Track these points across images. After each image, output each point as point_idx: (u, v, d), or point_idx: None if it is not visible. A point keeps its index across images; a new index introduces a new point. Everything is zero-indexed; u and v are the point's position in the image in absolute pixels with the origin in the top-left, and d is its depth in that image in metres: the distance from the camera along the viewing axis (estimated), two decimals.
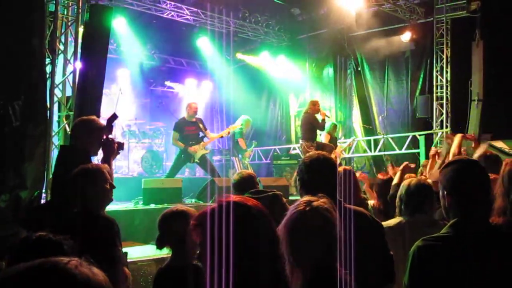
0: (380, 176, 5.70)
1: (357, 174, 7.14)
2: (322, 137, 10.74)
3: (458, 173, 2.29)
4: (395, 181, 4.92)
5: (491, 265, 2.12)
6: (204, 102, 16.75)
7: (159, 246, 3.14)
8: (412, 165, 5.47)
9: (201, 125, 9.67)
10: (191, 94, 16.25)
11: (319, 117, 10.25)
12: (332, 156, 10.21)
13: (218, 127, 17.11)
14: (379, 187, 5.35)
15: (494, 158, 4.66)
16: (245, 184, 4.36)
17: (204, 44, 14.83)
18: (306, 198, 2.10)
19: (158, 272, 3.16)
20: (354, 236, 2.40)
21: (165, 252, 4.83)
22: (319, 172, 2.71)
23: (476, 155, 4.88)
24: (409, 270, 2.20)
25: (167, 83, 16.13)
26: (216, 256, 1.53)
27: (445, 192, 2.31)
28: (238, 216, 1.55)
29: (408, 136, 12.46)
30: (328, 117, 10.64)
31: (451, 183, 2.29)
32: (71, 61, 7.96)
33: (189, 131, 9.50)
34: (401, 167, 5.34)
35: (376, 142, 12.89)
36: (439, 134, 12.29)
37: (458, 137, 5.67)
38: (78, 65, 7.52)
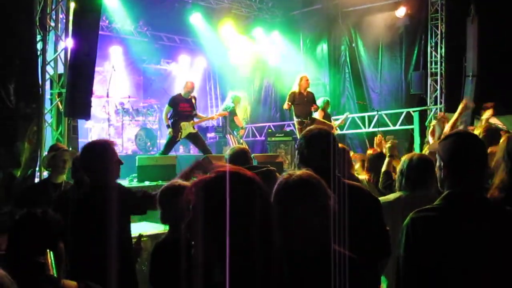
0: (370, 151, 5.73)
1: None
2: (315, 113, 10.69)
3: (456, 145, 2.29)
4: (384, 168, 4.91)
5: (482, 237, 2.14)
6: (198, 79, 16.67)
7: (163, 222, 3.20)
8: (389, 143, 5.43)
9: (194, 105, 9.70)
10: (185, 71, 16.15)
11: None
12: None
13: (212, 104, 17.06)
14: (370, 162, 5.37)
15: (494, 130, 4.66)
16: (239, 159, 4.34)
17: (197, 21, 14.68)
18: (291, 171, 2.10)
19: (156, 247, 3.17)
20: (351, 211, 2.41)
21: (161, 229, 4.85)
22: (319, 147, 2.70)
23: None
24: (404, 241, 2.22)
25: (162, 63, 16.06)
26: (211, 224, 1.52)
27: (442, 164, 2.31)
28: (234, 184, 1.53)
29: (402, 112, 12.45)
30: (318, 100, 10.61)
31: (448, 155, 2.29)
32: (63, 38, 7.85)
33: (183, 107, 9.50)
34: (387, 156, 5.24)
35: (370, 118, 12.88)
36: (433, 110, 12.30)
37: (457, 112, 5.68)
38: (70, 42, 7.42)
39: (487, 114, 6.41)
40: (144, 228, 5.29)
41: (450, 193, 2.25)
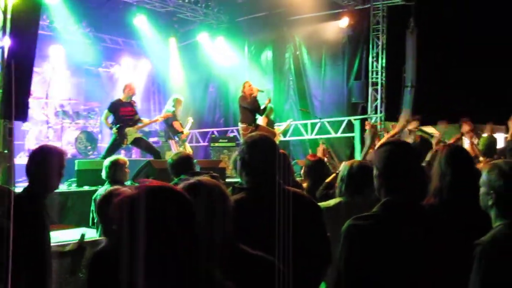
0: (309, 157, 5.76)
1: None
2: (259, 120, 10.73)
3: (390, 154, 2.34)
4: (328, 179, 4.97)
5: (417, 244, 2.20)
6: (141, 83, 16.41)
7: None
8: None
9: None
10: (128, 74, 15.88)
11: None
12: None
13: (155, 108, 16.85)
14: (308, 169, 5.40)
15: (425, 140, 4.81)
16: (182, 165, 4.32)
17: (142, 24, 14.47)
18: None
19: (93, 256, 3.08)
20: (293, 218, 2.42)
21: (99, 235, 4.73)
22: (260, 152, 2.69)
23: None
24: (341, 248, 2.25)
25: (105, 65, 15.74)
26: (132, 242, 1.46)
27: (378, 173, 2.36)
28: (156, 203, 1.48)
29: (344, 120, 12.70)
30: (262, 91, 10.56)
31: (383, 164, 2.34)
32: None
33: (125, 112, 9.25)
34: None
35: (313, 125, 13.05)
36: (374, 118, 12.61)
37: (398, 126, 5.86)
38: (7, 40, 7.16)
39: (412, 125, 6.65)
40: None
41: (386, 201, 2.30)
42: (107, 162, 5.58)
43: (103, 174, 5.61)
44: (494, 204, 2.34)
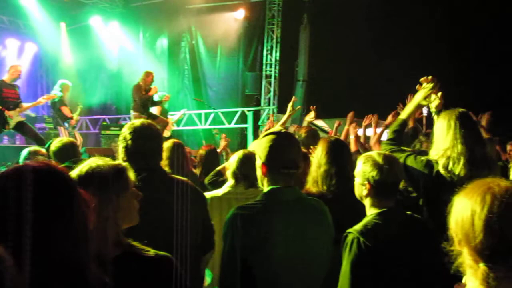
0: (204, 147, 5.80)
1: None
2: (153, 109, 10.54)
3: (270, 144, 2.38)
4: (220, 167, 5.01)
5: (296, 230, 2.30)
6: (28, 65, 15.52)
7: None
8: None
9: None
10: (12, 56, 14.95)
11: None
12: (167, 132, 10.19)
13: (43, 92, 16.03)
14: (201, 158, 5.44)
15: (314, 133, 5.00)
16: (66, 152, 4.16)
17: (30, 3, 13.68)
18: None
19: None
20: (175, 206, 2.43)
21: None
22: (142, 139, 2.65)
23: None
24: (224, 236, 2.29)
25: None
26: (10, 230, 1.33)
27: (260, 162, 2.41)
28: (35, 185, 1.33)
29: (238, 111, 12.83)
30: (164, 95, 10.43)
31: (264, 153, 2.38)
32: None
33: (8, 93, 8.69)
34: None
35: (207, 115, 13.08)
36: (266, 110, 12.87)
37: (286, 114, 6.01)
38: None
39: (309, 116, 6.88)
40: None
41: (269, 191, 2.36)
42: (25, 151, 5.25)
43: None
44: (368, 194, 2.45)
